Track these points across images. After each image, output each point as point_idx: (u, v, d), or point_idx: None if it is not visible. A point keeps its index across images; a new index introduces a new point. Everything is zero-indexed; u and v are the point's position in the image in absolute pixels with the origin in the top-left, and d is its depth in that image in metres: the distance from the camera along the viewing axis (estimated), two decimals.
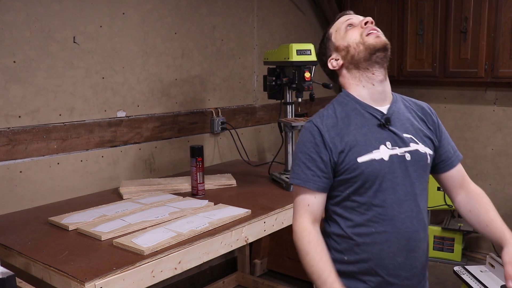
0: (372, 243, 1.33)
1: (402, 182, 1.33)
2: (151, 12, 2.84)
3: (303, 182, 1.36)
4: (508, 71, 3.39)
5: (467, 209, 1.49)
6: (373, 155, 1.31)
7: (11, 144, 2.25)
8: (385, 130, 1.35)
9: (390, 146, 1.33)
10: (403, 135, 1.36)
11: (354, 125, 1.35)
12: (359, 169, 1.31)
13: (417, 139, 1.38)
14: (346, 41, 1.40)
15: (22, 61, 2.28)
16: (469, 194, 1.51)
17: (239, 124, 3.47)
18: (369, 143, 1.33)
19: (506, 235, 1.39)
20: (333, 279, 1.28)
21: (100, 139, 2.62)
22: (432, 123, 1.46)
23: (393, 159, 1.33)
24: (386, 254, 1.33)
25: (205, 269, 3.39)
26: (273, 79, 2.67)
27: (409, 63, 3.81)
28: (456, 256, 3.76)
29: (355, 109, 1.38)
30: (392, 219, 1.32)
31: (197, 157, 2.39)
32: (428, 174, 1.44)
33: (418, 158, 1.36)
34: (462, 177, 1.53)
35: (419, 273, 1.39)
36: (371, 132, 1.34)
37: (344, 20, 1.45)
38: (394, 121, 1.37)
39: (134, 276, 1.59)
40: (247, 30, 3.52)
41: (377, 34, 1.36)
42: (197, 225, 1.92)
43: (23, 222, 2.05)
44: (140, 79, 2.81)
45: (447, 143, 1.49)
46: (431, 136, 1.43)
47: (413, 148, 1.36)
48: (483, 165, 3.84)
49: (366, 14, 1.50)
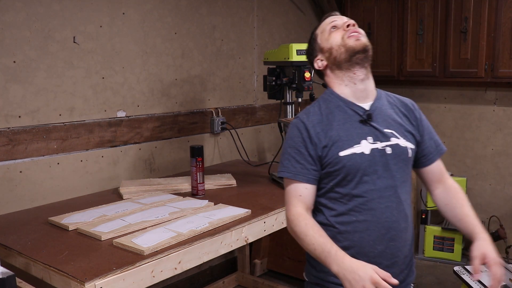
0: (353, 231, 1.41)
1: (383, 175, 1.40)
2: (151, 12, 2.84)
3: (294, 175, 1.44)
4: (508, 71, 3.39)
5: (444, 203, 1.55)
6: (354, 149, 1.39)
7: (11, 144, 2.25)
8: (366, 125, 1.43)
9: (372, 141, 1.41)
10: (384, 130, 1.43)
11: (337, 121, 1.43)
12: (341, 162, 1.39)
13: (398, 134, 1.44)
14: (329, 43, 1.47)
15: (22, 61, 2.28)
16: (447, 189, 1.56)
17: (239, 124, 3.47)
18: (351, 138, 1.40)
19: (476, 230, 1.45)
20: (336, 248, 1.31)
21: (100, 139, 2.62)
22: (415, 119, 1.52)
23: (374, 153, 1.40)
24: (367, 242, 1.40)
25: (205, 269, 3.38)
26: (273, 79, 2.67)
27: (409, 63, 3.81)
28: (456, 256, 3.76)
29: (338, 106, 1.46)
30: (372, 209, 1.39)
31: (197, 157, 2.39)
32: (410, 167, 1.50)
33: (398, 152, 1.43)
34: (441, 172, 1.58)
35: (401, 263, 1.44)
36: (353, 127, 1.42)
37: (329, 22, 1.51)
38: (376, 117, 1.44)
39: (134, 276, 1.59)
40: (247, 30, 3.52)
41: (358, 36, 1.43)
42: (197, 225, 1.92)
43: (23, 222, 2.05)
44: (140, 79, 2.81)
45: (429, 138, 1.54)
46: (412, 131, 1.49)
47: (393, 142, 1.43)
48: (483, 165, 3.84)
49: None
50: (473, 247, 1.40)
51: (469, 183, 3.85)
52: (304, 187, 1.43)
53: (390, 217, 1.40)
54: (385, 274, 1.23)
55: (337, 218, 1.43)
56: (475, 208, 4.16)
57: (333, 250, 1.30)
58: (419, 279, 3.55)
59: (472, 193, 3.88)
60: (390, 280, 1.22)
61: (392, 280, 1.22)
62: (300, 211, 1.41)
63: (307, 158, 1.42)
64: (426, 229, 3.85)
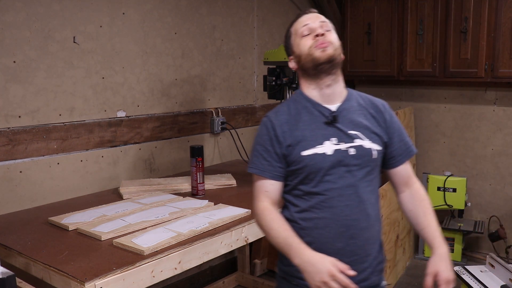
0: (314, 228, 1.46)
1: (344, 175, 1.44)
2: (151, 12, 2.84)
3: (261, 172, 1.50)
4: (508, 71, 3.38)
5: (408, 208, 1.57)
6: (316, 150, 1.44)
7: (11, 144, 2.25)
8: (331, 127, 1.46)
9: (335, 142, 1.45)
10: (349, 131, 1.46)
11: (303, 122, 1.48)
12: (303, 162, 1.44)
13: (363, 135, 1.47)
14: (299, 50, 1.50)
15: (22, 61, 2.28)
16: (412, 194, 1.57)
17: (239, 124, 3.47)
18: (314, 138, 1.45)
19: (436, 243, 1.46)
20: (298, 241, 1.38)
21: (100, 139, 2.62)
22: (384, 121, 1.53)
23: (337, 154, 1.44)
24: (326, 239, 1.45)
25: (205, 269, 3.39)
26: (273, 79, 2.67)
27: (409, 63, 3.81)
28: (456, 256, 3.76)
29: (306, 107, 1.50)
30: (332, 207, 1.44)
31: (197, 157, 2.39)
32: (377, 168, 1.52)
33: (362, 153, 1.45)
34: (408, 175, 1.59)
35: (363, 261, 1.47)
36: (318, 128, 1.46)
37: (302, 25, 1.51)
38: (342, 118, 1.47)
39: (134, 276, 1.59)
40: (247, 30, 3.52)
41: (324, 47, 1.44)
42: (197, 225, 1.92)
43: (23, 222, 2.05)
44: (140, 79, 2.81)
45: (399, 140, 1.55)
46: (379, 133, 1.51)
47: (357, 144, 1.46)
48: (483, 165, 3.84)
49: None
50: (429, 262, 1.44)
51: (469, 183, 3.85)
52: (270, 183, 1.50)
53: (350, 215, 1.44)
54: (344, 266, 1.28)
55: (300, 214, 1.48)
56: (475, 208, 4.15)
57: (295, 243, 1.37)
58: (419, 279, 3.55)
59: (472, 193, 3.88)
60: (348, 272, 1.28)
61: (349, 272, 1.28)
62: (266, 205, 1.48)
63: (273, 156, 1.48)
64: None
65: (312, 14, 1.52)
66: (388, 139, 1.53)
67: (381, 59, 3.93)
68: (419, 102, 4.09)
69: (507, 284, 2.55)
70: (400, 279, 3.55)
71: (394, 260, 3.43)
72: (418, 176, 4.10)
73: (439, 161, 4.04)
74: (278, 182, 1.50)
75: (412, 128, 4.00)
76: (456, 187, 3.72)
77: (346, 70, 4.09)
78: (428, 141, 4.07)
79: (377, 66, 3.96)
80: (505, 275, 2.61)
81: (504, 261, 2.74)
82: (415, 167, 4.05)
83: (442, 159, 4.03)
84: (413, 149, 1.58)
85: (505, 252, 3.64)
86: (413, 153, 1.58)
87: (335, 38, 1.48)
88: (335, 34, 1.50)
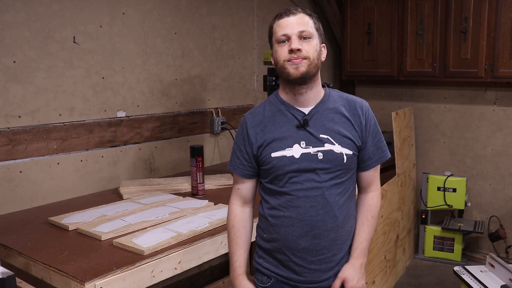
0: (280, 225, 1.52)
1: (311, 177, 1.48)
2: (151, 12, 2.84)
3: (233, 169, 1.61)
4: (508, 71, 3.39)
5: (356, 213, 1.61)
6: (284, 152, 1.49)
7: (11, 144, 2.25)
8: (302, 130, 1.49)
9: (304, 145, 1.48)
10: (320, 135, 1.49)
11: (276, 124, 1.52)
12: (272, 163, 1.50)
13: (333, 140, 1.49)
14: (275, 57, 1.50)
15: (22, 61, 2.28)
16: (364, 201, 1.62)
17: (239, 124, 3.47)
18: (284, 141, 1.49)
19: (355, 254, 1.56)
20: (239, 263, 1.59)
21: (100, 139, 2.62)
22: (359, 124, 1.53)
23: (305, 157, 1.47)
24: (291, 237, 1.50)
25: (205, 269, 3.38)
26: (273, 79, 2.67)
27: (409, 63, 3.81)
28: (456, 256, 3.76)
29: (280, 109, 1.54)
30: (298, 207, 1.49)
31: (197, 157, 2.39)
32: (349, 171, 1.54)
33: (331, 158, 1.48)
34: (371, 182, 1.62)
35: (330, 261, 1.53)
36: (289, 131, 1.50)
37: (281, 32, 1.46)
38: (314, 121, 1.50)
39: (134, 276, 1.59)
40: (247, 30, 3.52)
41: (297, 65, 1.44)
42: (197, 225, 1.92)
43: (23, 222, 2.05)
44: (140, 79, 2.81)
45: (372, 144, 1.56)
46: (352, 137, 1.51)
47: (327, 148, 1.48)
48: (483, 165, 3.84)
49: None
50: (343, 267, 1.55)
51: (469, 183, 3.85)
52: (242, 181, 1.61)
53: (315, 216, 1.48)
54: None
55: (270, 211, 1.55)
56: (475, 208, 4.15)
57: (234, 265, 1.60)
58: (419, 279, 3.56)
59: (472, 193, 3.88)
60: None
61: None
62: (234, 209, 1.62)
63: (244, 155, 1.57)
64: (426, 229, 3.85)
65: (293, 18, 1.46)
66: (362, 143, 1.54)
67: (381, 59, 3.93)
68: (419, 102, 4.09)
69: (507, 284, 2.55)
70: (400, 279, 3.55)
71: (394, 260, 3.43)
72: (418, 176, 4.13)
73: (439, 161, 4.04)
74: (250, 180, 1.60)
75: (412, 128, 4.00)
76: (456, 187, 3.72)
77: (346, 70, 4.09)
78: (428, 141, 4.07)
79: (377, 66, 3.96)
80: (505, 275, 2.61)
81: (504, 261, 2.74)
82: (415, 167, 4.06)
83: (442, 159, 4.03)
84: (386, 154, 1.60)
85: (505, 252, 3.64)
86: (386, 158, 1.59)
87: (312, 49, 1.45)
88: (315, 40, 1.47)
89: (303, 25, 1.45)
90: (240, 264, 1.60)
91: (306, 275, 1.52)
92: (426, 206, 3.85)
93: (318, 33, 1.49)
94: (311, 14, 1.52)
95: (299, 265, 1.52)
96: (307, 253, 1.50)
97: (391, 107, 4.11)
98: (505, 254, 3.64)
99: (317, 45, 1.48)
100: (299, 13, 1.48)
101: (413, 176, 3.96)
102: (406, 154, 3.76)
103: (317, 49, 1.47)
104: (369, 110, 1.57)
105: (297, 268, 1.52)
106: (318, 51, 1.48)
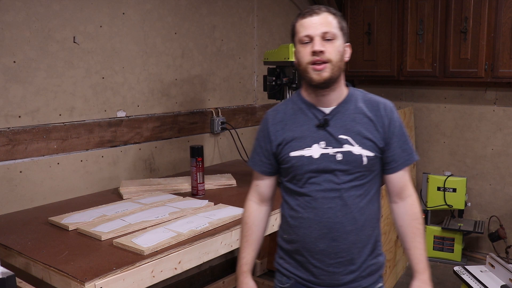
0: (299, 226, 1.50)
1: (329, 178, 1.45)
2: (151, 12, 2.84)
3: (253, 165, 1.60)
4: (508, 71, 3.38)
5: (399, 223, 1.56)
6: (303, 152, 1.46)
7: (11, 144, 2.25)
8: (322, 130, 1.46)
9: (324, 146, 1.45)
10: (339, 136, 1.45)
11: (297, 123, 1.50)
12: (290, 162, 1.48)
13: (354, 141, 1.45)
14: (298, 58, 1.46)
15: (22, 61, 2.28)
16: (406, 209, 1.54)
17: (239, 124, 3.47)
18: (303, 140, 1.47)
19: (420, 268, 1.51)
20: (246, 260, 1.59)
21: (100, 139, 2.62)
22: (382, 126, 1.48)
23: (323, 158, 1.44)
24: (309, 238, 1.48)
25: (205, 269, 3.38)
26: (273, 79, 2.67)
27: (409, 63, 3.81)
28: (456, 256, 3.76)
29: (301, 108, 1.51)
30: (316, 208, 1.46)
31: (197, 157, 2.39)
32: (370, 174, 1.48)
33: (350, 159, 1.44)
34: (403, 185, 1.54)
35: (349, 264, 1.48)
36: (309, 131, 1.47)
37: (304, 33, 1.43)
38: (335, 122, 1.46)
39: (134, 276, 1.59)
40: (247, 30, 3.52)
41: (321, 69, 1.40)
42: (197, 225, 1.92)
43: (23, 222, 2.05)
44: (140, 79, 2.81)
45: (397, 146, 1.49)
46: (374, 138, 1.46)
47: (346, 149, 1.44)
48: (483, 165, 3.83)
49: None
50: (411, 286, 1.51)
51: (469, 183, 3.85)
52: (260, 178, 1.60)
53: (333, 218, 1.45)
54: None
55: (290, 211, 1.53)
56: (475, 208, 4.15)
57: (241, 262, 1.59)
58: None
59: (472, 193, 3.88)
60: None
61: None
62: (250, 205, 1.63)
63: (264, 152, 1.55)
64: (426, 229, 3.85)
65: (316, 19, 1.42)
66: (385, 144, 1.48)
67: (381, 59, 3.93)
68: (419, 102, 4.09)
69: (507, 284, 2.55)
70: (400, 279, 3.55)
71: (394, 260, 3.43)
72: (418, 176, 4.12)
73: (439, 161, 4.04)
74: (268, 177, 1.59)
75: (412, 128, 4.00)
76: (456, 187, 3.72)
77: (346, 70, 4.07)
78: (428, 141, 4.07)
79: (377, 66, 3.96)
80: (505, 275, 2.61)
81: (504, 261, 2.74)
82: (415, 167, 4.06)
83: (442, 159, 4.03)
84: (413, 157, 1.53)
85: (505, 252, 3.64)
86: (412, 161, 1.53)
87: (335, 50, 1.41)
88: (339, 41, 1.42)
89: (326, 26, 1.41)
90: (246, 261, 1.60)
91: (324, 277, 1.49)
92: (426, 206, 3.85)
93: (342, 32, 1.44)
94: (335, 13, 1.46)
95: (317, 267, 1.49)
96: (325, 255, 1.47)
97: None
98: (505, 254, 3.64)
99: (340, 46, 1.43)
100: (323, 12, 1.43)
101: (413, 176, 3.96)
102: None
103: (340, 50, 1.42)
104: (393, 111, 1.52)
105: (315, 270, 1.49)
106: (341, 52, 1.43)
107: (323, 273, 1.48)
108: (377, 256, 1.54)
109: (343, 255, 1.47)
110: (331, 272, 1.48)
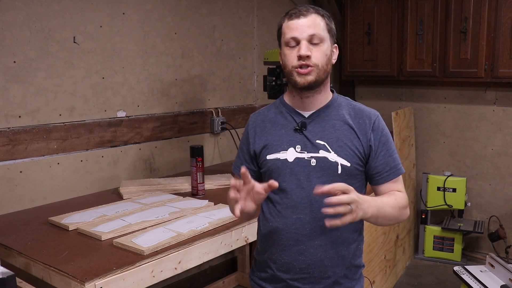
0: (268, 236, 1.45)
1: (302, 185, 1.37)
2: (151, 12, 2.84)
3: (234, 168, 1.56)
4: (508, 71, 3.39)
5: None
6: (279, 155, 1.41)
7: (11, 144, 2.25)
8: (299, 134, 1.41)
9: (299, 150, 1.40)
10: (316, 141, 1.39)
11: (276, 126, 1.46)
12: (267, 165, 1.43)
13: (330, 147, 1.38)
14: (283, 61, 1.41)
15: (22, 61, 2.28)
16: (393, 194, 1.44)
17: (239, 124, 3.47)
18: (280, 144, 1.42)
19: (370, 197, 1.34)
20: None
21: (100, 139, 2.62)
22: (364, 135, 1.41)
23: (297, 162, 1.38)
24: (275, 249, 1.42)
25: (205, 269, 3.38)
26: (273, 79, 2.68)
27: (409, 63, 3.81)
28: (456, 256, 3.76)
29: (281, 112, 1.48)
30: (284, 217, 1.40)
31: (197, 157, 2.39)
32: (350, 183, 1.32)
33: (324, 166, 1.37)
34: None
35: (316, 282, 1.39)
36: (286, 134, 1.43)
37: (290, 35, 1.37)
38: (313, 126, 1.41)
39: (134, 276, 1.59)
40: (247, 30, 3.52)
41: (305, 72, 1.35)
42: (197, 225, 1.92)
43: (23, 222, 2.05)
44: (140, 79, 2.81)
45: (384, 157, 1.42)
46: (352, 147, 1.39)
47: (321, 155, 1.37)
48: (483, 165, 3.84)
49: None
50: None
51: (469, 183, 3.85)
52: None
53: (301, 230, 1.37)
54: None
55: (262, 220, 1.48)
56: (475, 208, 4.14)
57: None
58: (419, 279, 3.56)
59: (472, 193, 3.88)
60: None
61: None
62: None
63: (245, 156, 1.52)
64: (426, 229, 3.85)
65: (304, 21, 1.36)
66: (367, 155, 1.41)
67: (381, 59, 3.93)
68: (419, 102, 4.09)
69: (507, 284, 2.55)
70: (400, 279, 3.55)
71: (394, 260, 3.43)
72: (418, 176, 4.13)
73: (439, 161, 4.04)
74: None
75: (412, 128, 4.00)
76: (456, 187, 3.72)
77: (346, 70, 4.09)
78: (428, 141, 4.07)
79: (377, 66, 3.96)
80: (505, 275, 2.61)
81: (504, 261, 2.74)
82: (415, 167, 4.06)
83: (442, 159, 4.03)
84: (400, 169, 1.44)
85: (505, 252, 3.64)
86: (399, 173, 1.44)
87: (322, 55, 1.36)
88: (326, 44, 1.37)
89: (313, 28, 1.35)
90: None
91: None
92: (426, 206, 3.85)
93: (330, 34, 1.39)
94: (324, 14, 1.41)
95: (282, 280, 1.41)
96: (290, 269, 1.39)
97: (391, 107, 4.11)
98: (505, 254, 3.64)
99: (327, 49, 1.38)
100: (311, 14, 1.37)
101: (413, 176, 3.96)
102: (406, 154, 3.76)
103: (327, 54, 1.37)
104: (379, 121, 1.44)
105: (280, 285, 1.42)
106: (328, 56, 1.38)
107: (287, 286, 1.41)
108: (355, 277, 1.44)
109: (308, 271, 1.38)
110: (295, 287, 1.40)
